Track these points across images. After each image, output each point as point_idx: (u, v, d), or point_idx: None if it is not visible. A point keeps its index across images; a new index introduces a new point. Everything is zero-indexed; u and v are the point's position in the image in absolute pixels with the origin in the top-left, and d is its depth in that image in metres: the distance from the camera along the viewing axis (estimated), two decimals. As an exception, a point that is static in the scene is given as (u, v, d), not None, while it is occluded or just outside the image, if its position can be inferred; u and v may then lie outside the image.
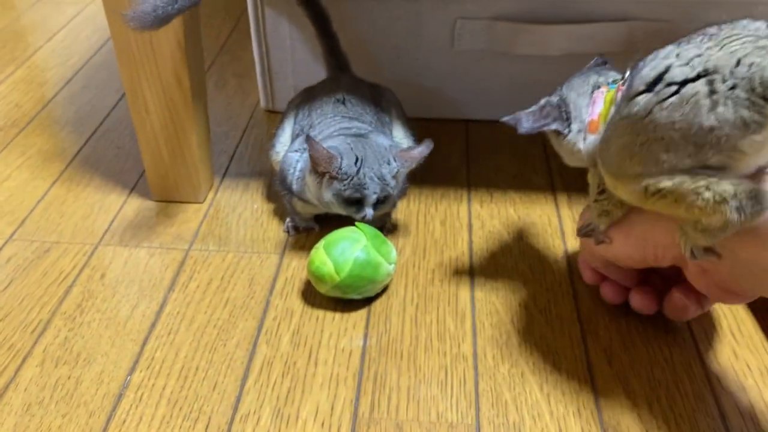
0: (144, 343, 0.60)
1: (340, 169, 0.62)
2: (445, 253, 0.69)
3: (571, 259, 0.68)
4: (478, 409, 0.54)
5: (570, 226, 0.73)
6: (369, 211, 0.64)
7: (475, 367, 0.57)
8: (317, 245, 0.63)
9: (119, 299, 0.64)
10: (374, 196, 0.63)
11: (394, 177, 0.64)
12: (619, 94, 0.51)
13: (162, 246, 0.71)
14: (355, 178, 0.62)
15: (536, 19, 0.82)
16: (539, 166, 0.83)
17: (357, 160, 0.62)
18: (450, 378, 0.56)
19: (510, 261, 0.68)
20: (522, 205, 0.76)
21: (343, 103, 0.71)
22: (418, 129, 0.77)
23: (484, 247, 0.70)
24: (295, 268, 0.68)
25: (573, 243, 0.71)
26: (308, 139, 0.61)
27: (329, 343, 0.60)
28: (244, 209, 0.76)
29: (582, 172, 0.81)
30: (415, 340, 0.60)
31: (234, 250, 0.70)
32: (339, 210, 0.65)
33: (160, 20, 0.58)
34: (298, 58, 0.89)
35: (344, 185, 0.62)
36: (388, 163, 0.63)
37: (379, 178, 0.62)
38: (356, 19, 0.85)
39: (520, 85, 0.87)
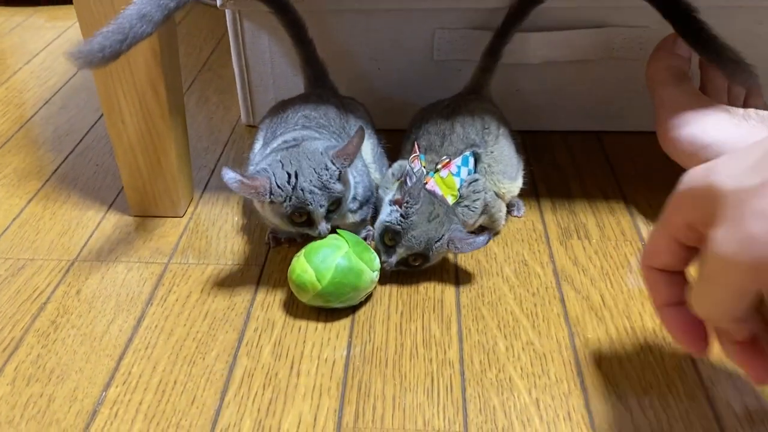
0: (120, 358, 0.58)
1: (272, 193, 0.58)
2: (430, 260, 0.68)
3: (557, 264, 0.68)
4: (465, 416, 0.52)
5: (554, 231, 0.72)
6: (323, 226, 0.60)
7: (462, 373, 0.56)
8: (298, 254, 0.62)
9: (95, 314, 0.63)
10: (322, 209, 0.59)
11: (339, 180, 0.60)
12: (444, 172, 0.64)
13: (140, 260, 0.69)
14: (293, 196, 0.58)
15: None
16: (523, 174, 0.82)
17: (290, 176, 0.58)
18: (436, 385, 0.55)
19: (495, 266, 0.67)
20: (506, 212, 0.75)
21: (306, 117, 0.68)
22: (400, 141, 0.76)
23: (468, 254, 0.69)
24: (277, 279, 0.66)
25: (558, 247, 0.70)
26: (241, 183, 0.58)
27: (312, 354, 0.58)
28: (224, 222, 0.75)
29: (564, 178, 0.81)
30: (400, 348, 0.58)
31: (214, 263, 0.69)
32: (292, 229, 0.62)
33: (107, 59, 0.56)
34: (279, 72, 0.88)
35: (285, 206, 0.59)
36: (326, 168, 0.59)
37: (320, 188, 0.58)
38: (335, 31, 0.85)
39: (500, 93, 0.87)
